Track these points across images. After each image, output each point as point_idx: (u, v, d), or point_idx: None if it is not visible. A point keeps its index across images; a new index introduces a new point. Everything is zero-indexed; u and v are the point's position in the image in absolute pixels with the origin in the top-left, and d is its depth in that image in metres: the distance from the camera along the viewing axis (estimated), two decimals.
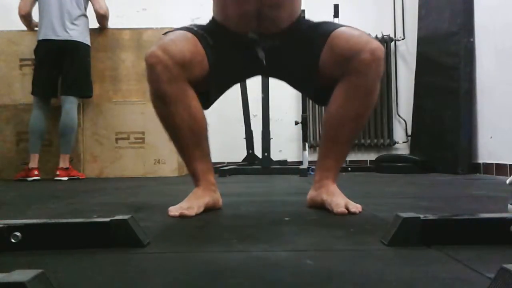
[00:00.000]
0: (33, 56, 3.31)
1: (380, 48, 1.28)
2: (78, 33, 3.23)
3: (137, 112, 3.43)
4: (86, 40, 3.30)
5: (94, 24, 3.48)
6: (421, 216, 0.85)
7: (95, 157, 3.44)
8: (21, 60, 3.52)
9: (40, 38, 3.23)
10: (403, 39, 4.34)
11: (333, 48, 1.31)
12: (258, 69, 1.49)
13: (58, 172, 3.16)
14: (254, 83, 3.61)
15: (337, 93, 1.32)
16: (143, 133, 3.47)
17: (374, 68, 1.26)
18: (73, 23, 3.22)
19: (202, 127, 1.36)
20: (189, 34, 1.35)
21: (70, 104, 3.23)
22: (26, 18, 3.38)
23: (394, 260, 0.77)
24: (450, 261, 0.75)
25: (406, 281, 0.65)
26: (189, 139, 1.35)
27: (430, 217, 0.86)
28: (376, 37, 4.28)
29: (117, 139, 3.45)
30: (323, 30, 1.36)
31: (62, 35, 3.19)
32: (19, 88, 3.50)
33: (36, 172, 3.16)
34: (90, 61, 3.34)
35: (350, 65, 1.27)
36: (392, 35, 4.34)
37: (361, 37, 1.29)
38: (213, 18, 1.47)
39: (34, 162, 3.18)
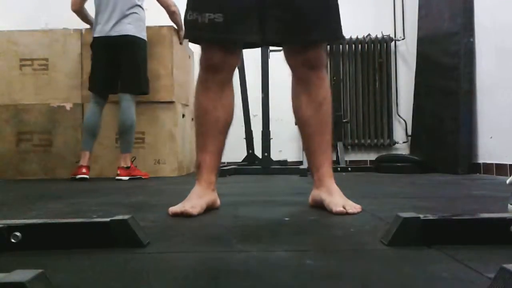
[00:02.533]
0: (33, 56, 3.33)
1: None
2: (132, 27, 3.13)
3: (137, 112, 3.42)
4: (142, 34, 3.19)
5: None
6: (421, 216, 0.85)
7: (95, 157, 3.43)
8: (21, 60, 3.52)
9: (95, 35, 3.17)
10: (403, 39, 4.34)
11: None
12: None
13: (118, 172, 3.10)
14: (254, 83, 3.63)
15: (296, 99, 1.55)
16: (143, 133, 3.47)
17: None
18: (126, 18, 3.12)
19: (227, 119, 1.43)
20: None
21: (127, 102, 3.17)
22: (78, 14, 3.31)
23: (394, 260, 0.77)
24: (450, 261, 0.75)
25: (406, 281, 0.65)
26: (211, 127, 1.40)
27: (430, 217, 0.86)
28: (376, 37, 4.28)
29: (117, 139, 3.44)
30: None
31: (115, 31, 3.10)
32: (19, 88, 3.50)
33: (84, 170, 3.06)
34: (146, 56, 3.24)
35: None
36: (392, 35, 4.34)
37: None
38: None
39: (83, 160, 3.10)
